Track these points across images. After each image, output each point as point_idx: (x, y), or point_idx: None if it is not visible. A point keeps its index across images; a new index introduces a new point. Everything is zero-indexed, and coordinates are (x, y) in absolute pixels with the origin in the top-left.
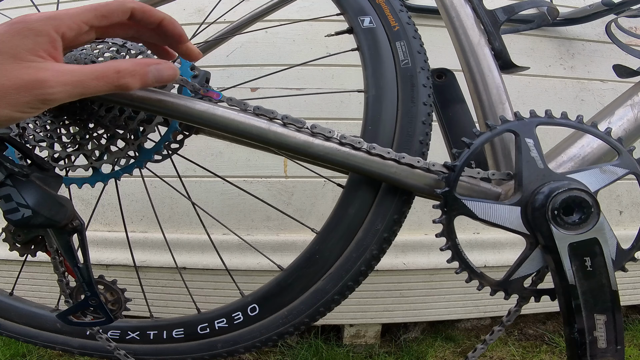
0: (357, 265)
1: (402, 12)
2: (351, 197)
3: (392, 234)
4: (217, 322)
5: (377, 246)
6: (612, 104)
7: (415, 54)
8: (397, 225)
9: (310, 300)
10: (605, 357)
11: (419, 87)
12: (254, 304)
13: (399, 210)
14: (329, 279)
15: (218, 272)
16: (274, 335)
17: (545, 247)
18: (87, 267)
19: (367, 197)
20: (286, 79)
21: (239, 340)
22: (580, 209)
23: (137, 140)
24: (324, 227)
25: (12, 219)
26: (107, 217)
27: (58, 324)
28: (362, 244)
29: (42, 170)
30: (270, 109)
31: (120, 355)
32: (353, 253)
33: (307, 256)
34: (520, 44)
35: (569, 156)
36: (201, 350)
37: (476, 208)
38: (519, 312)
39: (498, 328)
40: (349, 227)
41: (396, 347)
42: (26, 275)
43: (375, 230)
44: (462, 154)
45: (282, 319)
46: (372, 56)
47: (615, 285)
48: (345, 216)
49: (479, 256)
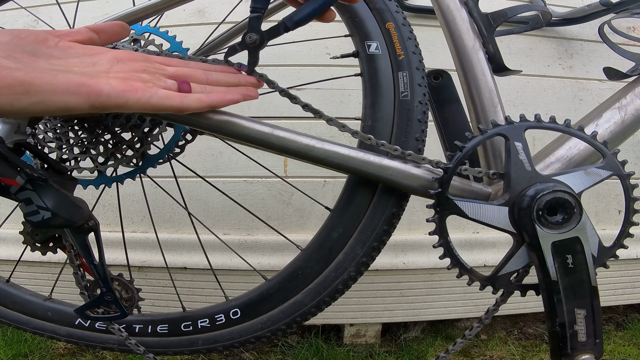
0: (334, 284)
1: (409, 40)
2: (337, 220)
3: (370, 258)
4: (200, 321)
5: (355, 269)
6: (600, 106)
7: (416, 86)
8: (376, 252)
9: (288, 310)
10: (585, 350)
11: (413, 121)
12: (237, 308)
13: (379, 238)
14: (307, 293)
15: (218, 272)
16: (251, 338)
17: (530, 245)
18: (102, 264)
19: (351, 222)
20: (286, 79)
21: (218, 339)
22: (564, 209)
23: (141, 147)
24: (308, 245)
25: (33, 221)
26: (109, 218)
27: (49, 312)
28: (342, 265)
29: (59, 173)
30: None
31: (131, 345)
32: (332, 272)
33: (289, 270)
34: (519, 44)
35: (557, 157)
36: (182, 346)
37: (467, 208)
38: (496, 311)
39: (477, 325)
40: (331, 249)
41: (396, 347)
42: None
43: (355, 255)
44: (455, 156)
45: (261, 324)
46: (373, 86)
47: (595, 282)
48: (329, 239)
49: (479, 255)
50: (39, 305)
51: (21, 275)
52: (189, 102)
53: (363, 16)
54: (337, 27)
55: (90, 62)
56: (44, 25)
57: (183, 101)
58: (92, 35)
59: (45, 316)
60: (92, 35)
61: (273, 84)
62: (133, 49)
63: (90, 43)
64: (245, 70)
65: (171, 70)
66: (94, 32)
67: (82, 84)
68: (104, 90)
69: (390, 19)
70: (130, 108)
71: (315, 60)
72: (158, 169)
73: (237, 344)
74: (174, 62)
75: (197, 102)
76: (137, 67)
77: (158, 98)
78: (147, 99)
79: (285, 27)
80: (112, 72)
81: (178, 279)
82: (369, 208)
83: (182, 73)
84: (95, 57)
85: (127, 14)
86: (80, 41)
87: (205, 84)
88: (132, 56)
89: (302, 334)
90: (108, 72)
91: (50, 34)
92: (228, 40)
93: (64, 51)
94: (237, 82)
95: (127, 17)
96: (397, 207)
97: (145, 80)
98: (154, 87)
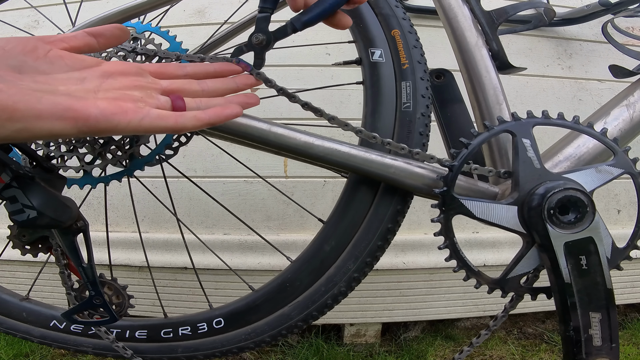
0: (324, 299)
1: (415, 49)
2: (331, 232)
3: (362, 274)
4: (181, 328)
5: (346, 284)
6: (608, 104)
7: (419, 98)
8: (369, 267)
9: (274, 323)
10: (600, 354)
11: (414, 134)
12: (220, 317)
13: (372, 254)
14: (295, 306)
15: (219, 272)
16: (234, 348)
17: (541, 246)
18: (91, 267)
19: (346, 236)
20: (286, 79)
21: (199, 348)
22: (576, 208)
23: (130, 149)
24: (299, 257)
25: (18, 220)
26: (109, 217)
27: (24, 312)
28: (332, 279)
29: (47, 171)
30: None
31: (118, 348)
32: (322, 287)
33: (278, 282)
34: (518, 44)
35: (565, 156)
36: (161, 352)
37: (474, 207)
38: (505, 318)
39: (484, 332)
40: (322, 262)
41: (396, 346)
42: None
43: (346, 269)
44: (460, 154)
45: (245, 335)
46: (374, 95)
47: (610, 284)
48: (321, 251)
49: (478, 255)
50: (14, 305)
51: (1, 274)
52: (183, 121)
53: (368, 22)
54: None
55: (78, 77)
56: (45, 25)
57: (177, 121)
58: (89, 40)
59: (20, 316)
60: (89, 40)
61: (270, 82)
62: (132, 47)
63: (88, 49)
64: (248, 70)
65: (164, 85)
66: (92, 36)
67: (68, 108)
68: (91, 115)
69: (397, 26)
70: (121, 132)
71: (315, 60)
72: (156, 168)
73: (219, 353)
74: (169, 70)
75: (193, 120)
76: (128, 83)
77: (150, 120)
78: (138, 121)
79: (293, 28)
80: (101, 91)
81: (178, 279)
82: (363, 221)
83: (175, 87)
84: (84, 71)
85: (124, 10)
86: (76, 47)
87: (201, 96)
88: (124, 69)
89: (303, 334)
90: (97, 92)
91: (42, 40)
92: (225, 40)
93: (52, 64)
94: (234, 85)
95: (125, 12)
96: (392, 223)
97: (136, 99)
98: (145, 107)
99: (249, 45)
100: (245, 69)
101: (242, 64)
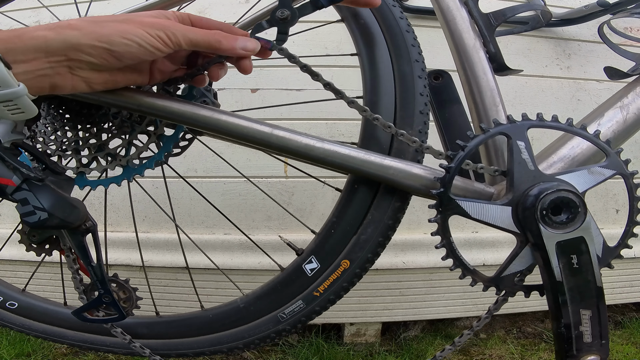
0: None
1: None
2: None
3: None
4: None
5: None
6: (602, 105)
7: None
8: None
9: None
10: (591, 351)
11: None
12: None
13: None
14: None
15: (219, 272)
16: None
17: (534, 245)
18: (100, 266)
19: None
20: (286, 79)
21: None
22: (568, 209)
23: (126, 156)
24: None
25: (29, 222)
26: (109, 218)
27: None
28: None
29: (55, 174)
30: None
31: (136, 348)
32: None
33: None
34: (517, 44)
35: (559, 157)
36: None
37: (470, 208)
38: (489, 319)
39: (467, 332)
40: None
41: (396, 346)
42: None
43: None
44: (457, 156)
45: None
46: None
47: (600, 282)
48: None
49: (478, 255)
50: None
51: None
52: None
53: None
54: (339, 29)
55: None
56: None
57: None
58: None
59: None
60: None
61: (294, 58)
62: None
63: None
64: (269, 47)
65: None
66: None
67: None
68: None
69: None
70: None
71: (315, 60)
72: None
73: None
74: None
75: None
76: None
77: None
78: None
79: (319, 4)
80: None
81: (179, 278)
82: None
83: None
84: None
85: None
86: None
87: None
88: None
89: (303, 333)
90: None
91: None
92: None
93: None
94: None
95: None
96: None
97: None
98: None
99: (271, 21)
100: (266, 46)
101: (262, 40)
